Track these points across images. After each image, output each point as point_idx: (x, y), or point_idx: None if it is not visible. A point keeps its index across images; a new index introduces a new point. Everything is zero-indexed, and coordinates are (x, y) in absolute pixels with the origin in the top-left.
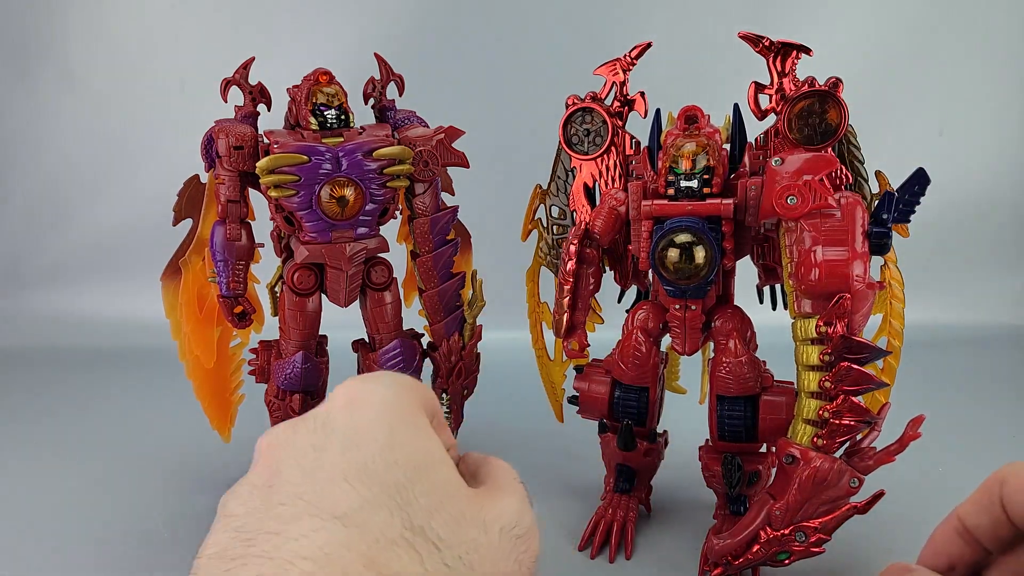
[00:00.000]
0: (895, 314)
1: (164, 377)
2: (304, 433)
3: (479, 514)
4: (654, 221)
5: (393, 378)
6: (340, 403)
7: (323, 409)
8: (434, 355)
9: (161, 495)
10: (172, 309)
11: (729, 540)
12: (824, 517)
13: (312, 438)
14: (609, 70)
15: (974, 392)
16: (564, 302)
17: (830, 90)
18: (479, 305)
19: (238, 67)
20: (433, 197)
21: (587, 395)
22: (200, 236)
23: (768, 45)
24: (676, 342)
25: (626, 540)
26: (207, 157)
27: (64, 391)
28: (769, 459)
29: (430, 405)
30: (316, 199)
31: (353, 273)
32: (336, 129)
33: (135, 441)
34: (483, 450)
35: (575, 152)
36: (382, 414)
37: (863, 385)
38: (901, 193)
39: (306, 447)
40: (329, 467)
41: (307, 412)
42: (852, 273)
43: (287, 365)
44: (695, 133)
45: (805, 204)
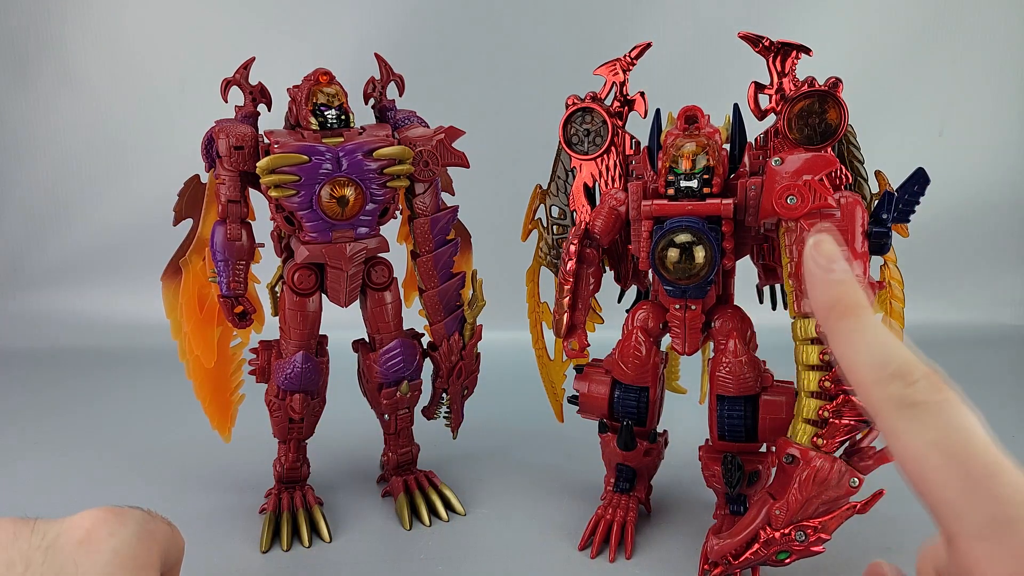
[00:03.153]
0: (895, 314)
1: (164, 377)
2: (21, 545)
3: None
4: (654, 221)
5: (143, 523)
6: (78, 533)
7: (59, 529)
8: (434, 355)
9: (161, 495)
10: (172, 309)
11: (729, 540)
12: (824, 517)
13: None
14: (609, 70)
15: (974, 392)
16: (564, 302)
17: (830, 90)
18: (479, 305)
19: (238, 67)
20: (433, 197)
21: (587, 395)
22: (200, 236)
23: (768, 45)
24: (676, 342)
25: (626, 540)
26: (207, 157)
27: (64, 391)
28: (769, 459)
29: (172, 555)
30: (316, 199)
31: (353, 273)
32: (336, 129)
33: (135, 441)
34: (483, 450)
35: (575, 152)
36: (107, 566)
37: None
38: (901, 193)
39: (14, 561)
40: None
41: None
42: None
43: (287, 365)
44: (695, 133)
45: (805, 204)
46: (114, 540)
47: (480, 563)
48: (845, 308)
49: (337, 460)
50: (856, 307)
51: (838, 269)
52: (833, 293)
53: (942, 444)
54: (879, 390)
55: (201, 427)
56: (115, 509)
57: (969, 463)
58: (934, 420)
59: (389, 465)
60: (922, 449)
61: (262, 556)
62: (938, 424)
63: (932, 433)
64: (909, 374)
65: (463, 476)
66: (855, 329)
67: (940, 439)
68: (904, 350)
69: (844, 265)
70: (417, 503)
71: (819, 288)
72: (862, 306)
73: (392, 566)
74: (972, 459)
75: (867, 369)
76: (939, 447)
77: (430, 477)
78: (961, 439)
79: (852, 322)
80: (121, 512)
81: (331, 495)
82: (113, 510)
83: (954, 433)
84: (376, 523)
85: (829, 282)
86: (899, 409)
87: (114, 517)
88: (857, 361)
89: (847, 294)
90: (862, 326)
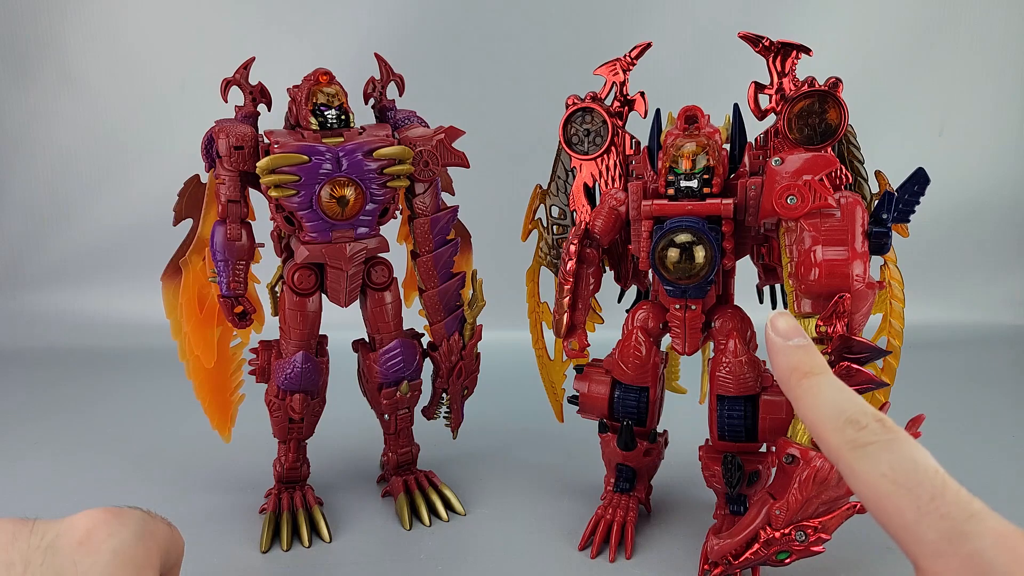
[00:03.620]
0: (895, 314)
1: (164, 377)
2: (21, 546)
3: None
4: (654, 221)
5: (143, 524)
6: (77, 534)
7: (58, 529)
8: (434, 355)
9: (161, 495)
10: (172, 309)
11: (729, 540)
12: (824, 517)
13: (26, 554)
14: (609, 70)
15: (974, 392)
16: (564, 302)
17: (830, 90)
18: (479, 305)
19: (238, 67)
20: (433, 197)
21: (587, 395)
22: (200, 236)
23: (768, 45)
24: (676, 342)
25: (626, 540)
26: (207, 157)
27: (64, 391)
28: (769, 459)
29: (171, 555)
30: (316, 199)
31: (353, 273)
32: (336, 129)
33: (135, 441)
34: (483, 450)
35: (575, 152)
36: (106, 566)
37: (863, 385)
38: (901, 193)
39: (13, 561)
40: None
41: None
42: (852, 273)
43: (287, 365)
44: (695, 133)
45: (805, 204)
46: (113, 541)
47: (480, 563)
48: (806, 370)
49: (337, 460)
50: (814, 368)
51: (797, 339)
52: (794, 358)
53: (893, 475)
54: (836, 437)
55: (201, 427)
56: (114, 509)
57: (918, 488)
58: (884, 456)
59: (389, 465)
60: (876, 481)
61: (262, 556)
62: (888, 459)
63: (884, 467)
64: (859, 420)
65: (463, 476)
66: (814, 386)
67: (891, 471)
68: (858, 400)
69: (802, 336)
70: (417, 503)
71: (781, 355)
72: (820, 367)
73: (392, 566)
74: (920, 484)
75: (825, 420)
76: (890, 478)
77: (430, 477)
78: (909, 469)
79: (811, 381)
80: (121, 512)
81: (331, 495)
82: (112, 510)
83: (903, 464)
84: (376, 523)
85: (789, 349)
86: (853, 450)
87: (113, 518)
88: (817, 414)
89: (806, 357)
90: (820, 383)
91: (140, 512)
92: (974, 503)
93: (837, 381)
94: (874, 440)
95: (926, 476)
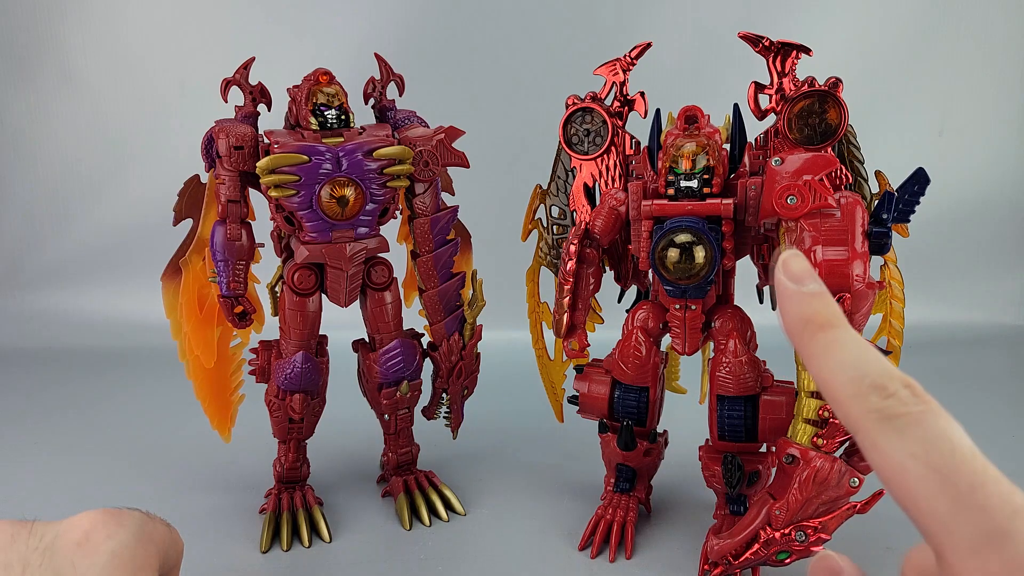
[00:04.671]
0: (895, 314)
1: (164, 377)
2: (19, 547)
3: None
4: (654, 221)
5: (142, 525)
6: (76, 535)
7: (56, 531)
8: (434, 355)
9: (161, 495)
10: (172, 309)
11: (729, 540)
12: (824, 517)
13: (25, 555)
14: (609, 70)
15: (974, 392)
16: (564, 302)
17: (830, 90)
18: (479, 305)
19: (238, 67)
20: (433, 197)
21: (587, 395)
22: (200, 236)
23: (768, 45)
24: (676, 342)
25: (626, 540)
26: (207, 157)
27: (64, 391)
28: (769, 459)
29: (171, 556)
30: (316, 199)
31: (353, 273)
32: (336, 129)
33: (135, 441)
34: (483, 450)
35: (575, 152)
36: (105, 568)
37: None
38: (901, 193)
39: (12, 563)
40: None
41: (41, 524)
42: (852, 273)
43: (287, 365)
44: (695, 133)
45: (805, 204)
46: (112, 542)
47: (480, 563)
48: (822, 322)
49: (337, 460)
50: (832, 320)
51: (812, 284)
52: (808, 307)
53: (926, 456)
54: (857, 404)
55: (201, 427)
56: (113, 511)
57: (956, 475)
58: (916, 432)
59: (389, 465)
60: (905, 463)
61: (262, 556)
62: (920, 436)
63: (915, 445)
64: (887, 386)
65: (463, 476)
66: (831, 343)
67: (923, 451)
68: (882, 361)
69: (817, 281)
70: (417, 503)
71: (793, 302)
72: (839, 319)
73: (392, 566)
74: (958, 470)
75: (844, 384)
76: (923, 460)
77: (430, 477)
78: (946, 450)
79: (828, 335)
80: (119, 514)
81: (331, 495)
82: (111, 512)
83: (938, 444)
84: (376, 523)
85: (803, 296)
86: (879, 423)
87: (112, 519)
88: (833, 376)
89: (823, 307)
90: (838, 339)
91: (139, 513)
92: (1018, 497)
93: (859, 337)
94: (904, 411)
95: (964, 460)
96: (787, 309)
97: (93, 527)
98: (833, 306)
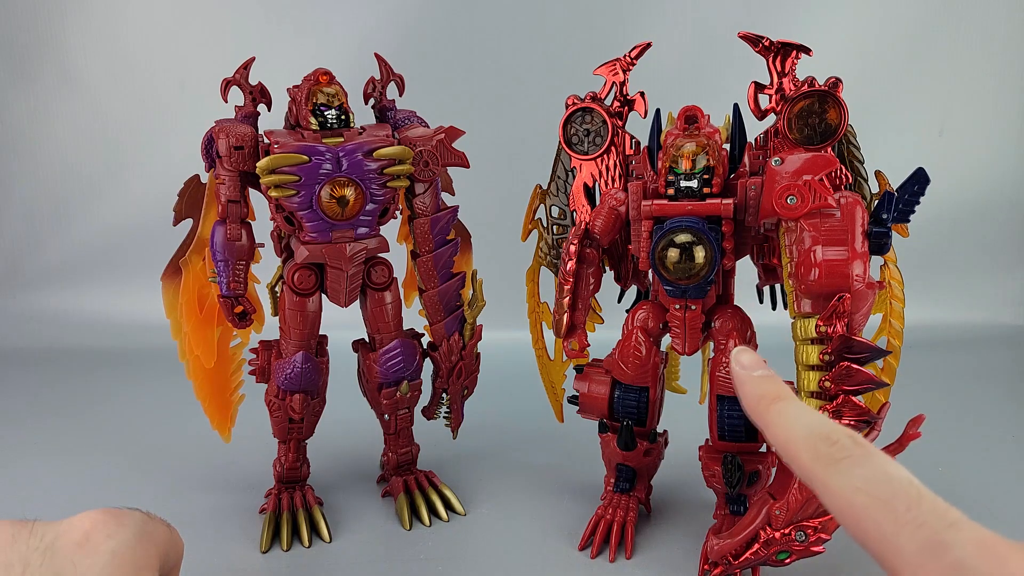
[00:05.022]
0: (895, 314)
1: (164, 377)
2: (20, 548)
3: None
4: (654, 221)
5: (142, 525)
6: (76, 535)
7: (57, 531)
8: (434, 355)
9: (161, 495)
10: (172, 309)
11: (729, 540)
12: (824, 517)
13: (25, 555)
14: (609, 70)
15: (974, 392)
16: (564, 302)
17: (830, 90)
18: (479, 305)
19: (238, 67)
20: (433, 197)
21: (587, 395)
22: (200, 236)
23: (768, 45)
24: (676, 342)
25: (626, 540)
26: (207, 157)
27: (64, 391)
28: (769, 459)
29: (171, 557)
30: (316, 199)
31: (353, 273)
32: (336, 129)
33: (135, 441)
34: (483, 450)
35: (575, 152)
36: (105, 567)
37: (863, 385)
38: (901, 193)
39: (12, 563)
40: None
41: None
42: (852, 273)
43: (287, 365)
44: (695, 133)
45: (805, 204)
46: (112, 542)
47: (480, 563)
48: (773, 396)
49: (337, 460)
50: (781, 393)
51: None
52: (760, 387)
53: (867, 488)
54: (809, 454)
55: (201, 427)
56: (114, 511)
57: (894, 499)
58: (858, 470)
59: (389, 465)
60: (852, 497)
61: (262, 556)
62: (861, 473)
63: (857, 481)
64: (830, 435)
65: (463, 476)
66: (782, 410)
67: (865, 485)
68: (828, 420)
69: (765, 367)
70: (417, 503)
71: (748, 384)
72: (787, 392)
73: (392, 566)
74: (896, 495)
75: (798, 440)
76: (865, 491)
77: (430, 477)
78: (883, 481)
79: (779, 405)
80: (120, 514)
81: (331, 495)
82: (112, 512)
83: (877, 477)
84: (376, 523)
85: (755, 379)
86: (827, 467)
87: (113, 519)
88: (788, 434)
89: (773, 385)
90: (788, 407)
91: (139, 513)
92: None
93: (805, 405)
94: (847, 455)
95: (900, 487)
96: (744, 391)
97: (94, 527)
98: (782, 385)
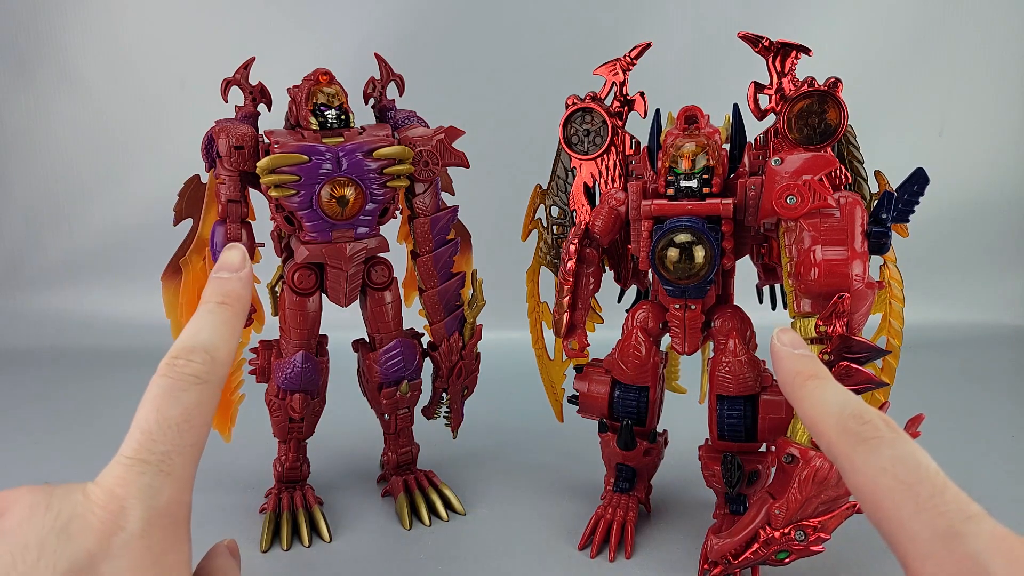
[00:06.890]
0: (894, 314)
1: None
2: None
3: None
4: (654, 221)
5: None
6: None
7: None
8: (434, 355)
9: None
10: (172, 309)
11: (729, 539)
12: (824, 516)
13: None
14: (609, 70)
15: (974, 392)
16: (564, 302)
17: (829, 90)
18: (479, 305)
19: (238, 67)
20: (433, 197)
21: (587, 395)
22: (201, 236)
23: (768, 45)
24: (676, 342)
25: (626, 539)
26: (207, 157)
27: (64, 391)
28: (769, 459)
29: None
30: (316, 199)
31: (353, 273)
32: (336, 129)
33: None
34: (483, 450)
35: (575, 152)
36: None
37: (862, 384)
38: (900, 193)
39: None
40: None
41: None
42: (851, 272)
43: (287, 365)
44: (695, 133)
45: (804, 204)
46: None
47: (480, 563)
48: (810, 373)
49: (337, 460)
50: (818, 372)
51: (801, 350)
52: (798, 363)
53: (894, 470)
54: (838, 431)
55: None
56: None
57: (918, 485)
58: (887, 451)
59: (389, 465)
60: (877, 476)
61: (262, 556)
62: (890, 454)
63: (885, 462)
64: (864, 415)
65: (463, 476)
66: (816, 387)
67: (891, 466)
68: (862, 401)
69: (807, 349)
70: (417, 503)
71: (786, 359)
72: (824, 372)
73: (392, 566)
74: (921, 482)
75: (827, 416)
76: (891, 473)
77: (430, 477)
78: (911, 466)
79: (815, 382)
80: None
81: (331, 495)
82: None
83: (905, 461)
84: (376, 523)
85: (794, 355)
86: (856, 444)
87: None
88: (819, 410)
89: (811, 364)
90: (824, 384)
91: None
92: (972, 506)
93: (840, 385)
94: (877, 435)
95: (927, 474)
96: (781, 365)
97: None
98: (820, 365)
